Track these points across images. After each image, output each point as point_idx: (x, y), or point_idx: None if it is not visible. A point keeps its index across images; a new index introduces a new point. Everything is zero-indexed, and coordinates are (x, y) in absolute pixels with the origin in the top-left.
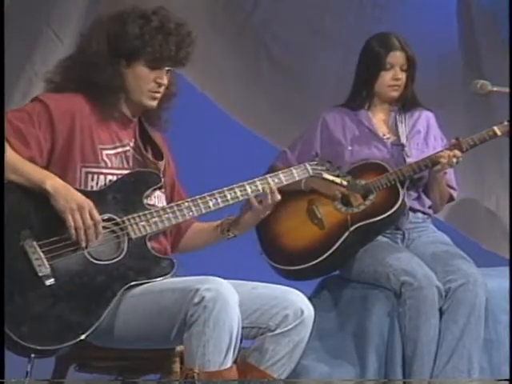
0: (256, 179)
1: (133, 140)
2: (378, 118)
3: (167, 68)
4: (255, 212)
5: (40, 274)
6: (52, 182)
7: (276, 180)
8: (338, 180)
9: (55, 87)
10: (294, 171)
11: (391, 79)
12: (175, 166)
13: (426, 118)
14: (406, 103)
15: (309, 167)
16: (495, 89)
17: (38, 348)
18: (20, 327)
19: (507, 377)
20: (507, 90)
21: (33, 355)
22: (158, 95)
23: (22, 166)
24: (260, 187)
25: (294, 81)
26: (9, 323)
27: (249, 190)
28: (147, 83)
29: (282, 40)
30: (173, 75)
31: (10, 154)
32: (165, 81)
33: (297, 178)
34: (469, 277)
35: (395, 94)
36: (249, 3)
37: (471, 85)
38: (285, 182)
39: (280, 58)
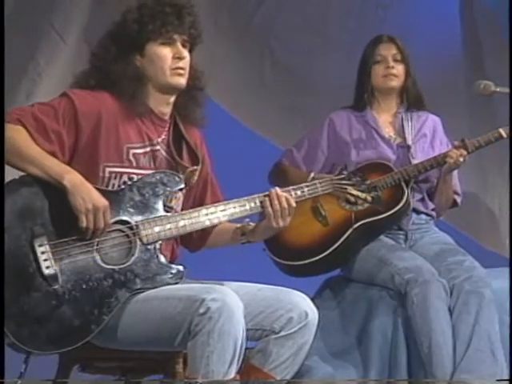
0: (278, 190)
1: (163, 139)
2: (384, 119)
3: (181, 41)
4: (270, 225)
5: (46, 275)
6: (71, 177)
7: (299, 193)
8: (362, 196)
9: (75, 82)
10: (319, 185)
11: (384, 69)
12: (211, 163)
13: (432, 122)
14: (411, 102)
15: (334, 181)
16: (498, 89)
17: (36, 352)
18: (20, 329)
19: (507, 377)
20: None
21: (27, 357)
22: (182, 71)
23: (43, 159)
24: (283, 198)
25: (297, 81)
26: (9, 323)
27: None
28: (166, 61)
29: (284, 41)
30: (196, 69)
31: (31, 146)
32: (184, 54)
33: (320, 192)
34: (472, 271)
35: (392, 83)
36: (252, 5)
37: (474, 85)
38: (307, 196)
39: (283, 59)
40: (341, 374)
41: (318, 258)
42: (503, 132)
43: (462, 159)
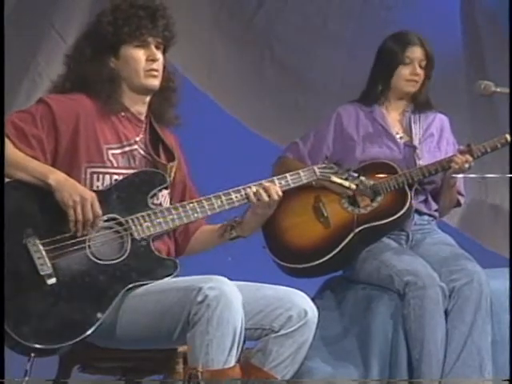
0: (263, 181)
1: (141, 139)
2: (393, 117)
3: (155, 44)
4: (256, 211)
5: (42, 273)
6: (55, 176)
7: (283, 182)
8: (346, 183)
9: (54, 87)
10: (302, 174)
11: (410, 74)
12: (187, 167)
13: (440, 122)
14: (419, 103)
15: (317, 170)
16: (499, 89)
17: (38, 347)
18: (20, 326)
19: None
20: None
21: (33, 354)
22: (156, 73)
23: (26, 162)
24: (271, 190)
25: (298, 81)
26: (9, 322)
27: (255, 192)
28: (140, 63)
29: (285, 40)
30: (169, 71)
31: (14, 153)
32: (157, 56)
33: (304, 181)
34: (473, 275)
35: (412, 89)
36: (253, 4)
37: (475, 86)
38: (292, 185)
39: (283, 59)
40: (341, 374)
41: (319, 262)
42: (509, 137)
43: (467, 165)
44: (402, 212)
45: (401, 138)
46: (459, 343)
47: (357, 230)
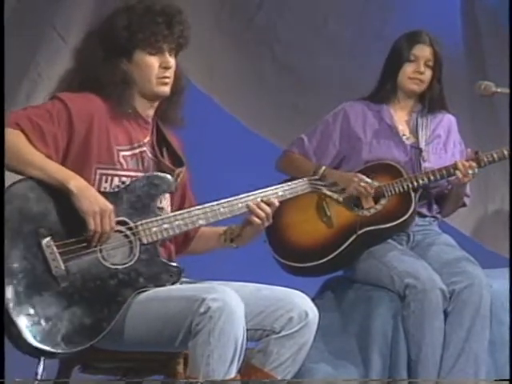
0: (265, 190)
1: (149, 141)
2: (400, 117)
3: (169, 50)
4: (253, 224)
5: (56, 275)
6: (76, 183)
7: (280, 193)
8: (334, 196)
9: (60, 81)
10: (296, 185)
11: (413, 71)
12: (189, 172)
13: (447, 122)
14: (432, 105)
15: (309, 183)
16: (499, 90)
17: (52, 351)
18: (35, 328)
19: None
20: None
21: (43, 358)
22: (168, 80)
23: (43, 162)
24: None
25: (297, 81)
26: (23, 323)
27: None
28: (153, 70)
29: (285, 41)
30: (179, 69)
31: (30, 150)
32: (170, 63)
33: (299, 193)
34: (474, 278)
35: (415, 87)
36: (253, 5)
37: (475, 86)
38: (288, 195)
39: (284, 59)
40: (341, 374)
41: (318, 262)
42: None
43: (470, 171)
44: (405, 217)
45: (407, 138)
46: (456, 348)
47: (359, 232)
